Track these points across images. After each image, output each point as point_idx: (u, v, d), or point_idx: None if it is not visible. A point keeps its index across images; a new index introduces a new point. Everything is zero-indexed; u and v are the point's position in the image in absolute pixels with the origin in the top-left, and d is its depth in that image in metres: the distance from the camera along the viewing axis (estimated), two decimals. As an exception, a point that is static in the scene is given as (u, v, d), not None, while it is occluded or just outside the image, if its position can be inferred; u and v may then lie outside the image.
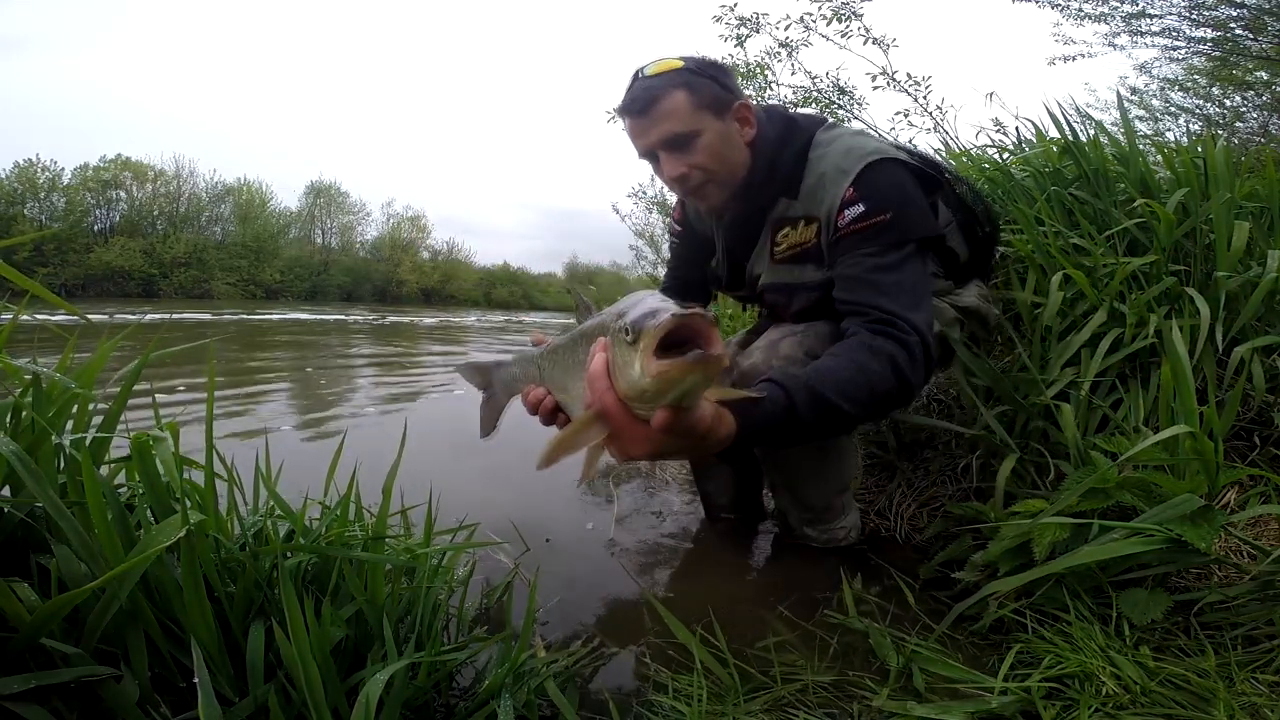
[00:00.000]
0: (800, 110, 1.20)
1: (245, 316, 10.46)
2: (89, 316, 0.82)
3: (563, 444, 0.65)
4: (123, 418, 0.70)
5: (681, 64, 1.05)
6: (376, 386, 3.48)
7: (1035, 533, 0.88)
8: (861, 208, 1.00)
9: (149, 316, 8.77)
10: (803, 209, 1.09)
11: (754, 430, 0.78)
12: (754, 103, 1.12)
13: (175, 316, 9.47)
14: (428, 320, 12.81)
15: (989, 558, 0.96)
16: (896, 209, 1.00)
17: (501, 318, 15.16)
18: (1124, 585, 0.87)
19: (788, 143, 1.10)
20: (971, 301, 1.23)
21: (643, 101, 1.04)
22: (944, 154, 2.33)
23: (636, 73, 1.07)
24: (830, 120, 1.17)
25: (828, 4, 3.59)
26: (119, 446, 0.70)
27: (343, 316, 12.86)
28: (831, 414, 0.83)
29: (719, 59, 1.14)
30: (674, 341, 0.54)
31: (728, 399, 0.73)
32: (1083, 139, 1.56)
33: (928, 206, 1.06)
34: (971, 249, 1.22)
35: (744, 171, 1.10)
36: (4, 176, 25.58)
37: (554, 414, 0.86)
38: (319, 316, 12.08)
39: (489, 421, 1.06)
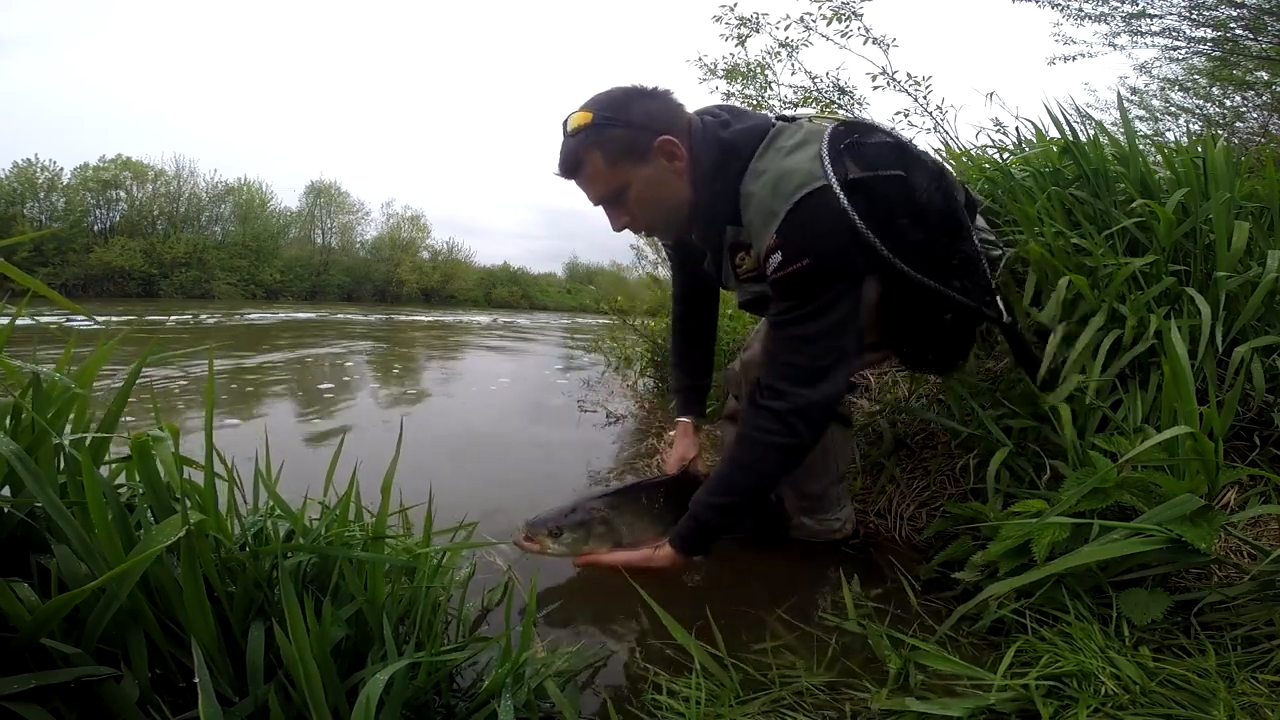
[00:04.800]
0: (740, 125, 1.08)
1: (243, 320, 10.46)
2: (96, 317, 0.82)
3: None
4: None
5: (591, 117, 1.02)
6: (378, 387, 3.48)
7: (1035, 533, 0.88)
8: (780, 256, 0.97)
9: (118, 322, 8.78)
10: (748, 238, 1.06)
11: (685, 545, 1.06)
12: (694, 119, 1.08)
13: (174, 316, 9.49)
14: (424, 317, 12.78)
15: (988, 558, 0.96)
16: (815, 256, 0.96)
17: (504, 319, 15.20)
18: (1124, 585, 0.87)
19: (722, 171, 1.05)
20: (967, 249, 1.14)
21: (567, 167, 1.07)
22: (944, 154, 2.32)
23: (564, 124, 1.06)
24: (771, 128, 1.08)
25: (828, 4, 3.59)
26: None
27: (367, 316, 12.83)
28: (733, 508, 1.05)
29: (639, 86, 1.07)
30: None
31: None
32: (1083, 139, 1.56)
33: (855, 242, 0.98)
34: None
35: (688, 203, 1.08)
36: (3, 177, 25.56)
37: None
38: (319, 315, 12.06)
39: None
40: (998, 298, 1.11)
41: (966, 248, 1.10)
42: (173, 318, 9.19)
